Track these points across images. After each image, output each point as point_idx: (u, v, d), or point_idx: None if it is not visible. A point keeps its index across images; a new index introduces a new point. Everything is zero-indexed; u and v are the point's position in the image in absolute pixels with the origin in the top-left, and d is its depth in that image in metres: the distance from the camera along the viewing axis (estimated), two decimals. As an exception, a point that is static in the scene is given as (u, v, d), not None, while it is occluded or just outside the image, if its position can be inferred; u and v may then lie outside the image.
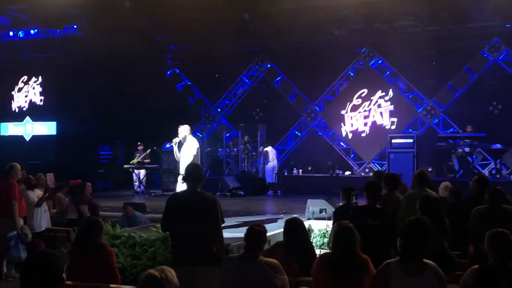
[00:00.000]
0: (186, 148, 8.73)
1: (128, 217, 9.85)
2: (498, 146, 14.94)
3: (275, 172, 16.30)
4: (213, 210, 5.05)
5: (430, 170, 15.26)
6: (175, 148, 8.96)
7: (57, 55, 18.15)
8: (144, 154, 16.67)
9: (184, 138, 8.85)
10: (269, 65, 19.34)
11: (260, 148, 17.33)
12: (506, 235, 3.98)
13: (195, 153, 8.74)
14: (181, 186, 8.56)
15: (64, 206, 10.05)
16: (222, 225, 5.14)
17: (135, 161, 16.74)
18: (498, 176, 14.85)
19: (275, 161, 16.50)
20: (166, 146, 16.73)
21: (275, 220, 9.99)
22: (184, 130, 8.89)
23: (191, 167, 5.40)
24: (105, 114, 17.29)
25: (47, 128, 18.56)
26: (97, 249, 5.18)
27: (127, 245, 7.27)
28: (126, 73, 16.19)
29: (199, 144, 9.17)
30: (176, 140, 8.86)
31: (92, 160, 18.40)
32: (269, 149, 16.67)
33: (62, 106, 17.84)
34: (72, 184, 10.44)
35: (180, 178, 8.67)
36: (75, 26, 17.28)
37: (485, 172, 15.63)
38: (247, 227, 4.60)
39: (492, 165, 15.80)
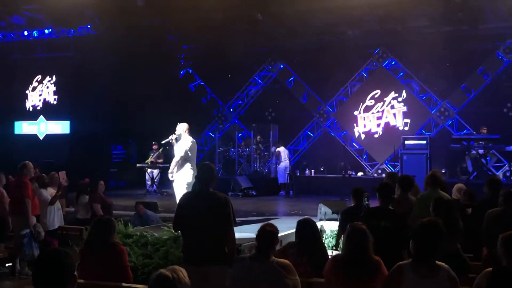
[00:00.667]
0: (180, 146, 8.67)
1: (140, 216, 9.90)
2: (513, 148, 14.81)
3: (287, 172, 16.31)
4: (225, 210, 5.06)
5: (443, 171, 15.19)
6: (174, 144, 8.83)
7: (71, 54, 18.29)
8: (157, 154, 16.73)
9: (180, 136, 8.72)
10: (281, 65, 19.32)
11: (273, 149, 17.33)
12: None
13: (186, 152, 8.60)
14: (177, 184, 8.57)
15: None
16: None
17: (148, 160, 16.81)
18: (512, 178, 14.73)
19: (287, 161, 16.52)
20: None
21: (287, 221, 9.97)
22: (181, 128, 8.76)
23: (203, 167, 5.41)
24: (118, 113, 17.37)
25: (61, 127, 18.72)
26: (109, 248, 5.19)
27: (139, 244, 7.29)
28: (139, 72, 16.26)
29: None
30: (172, 137, 8.74)
31: (105, 159, 18.51)
32: (281, 149, 16.67)
33: (76, 105, 17.96)
34: (85, 183, 10.51)
35: (170, 176, 8.75)
36: (89, 26, 17.41)
37: (499, 174, 15.52)
38: (259, 227, 4.60)
39: (506, 167, 15.67)
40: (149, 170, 16.68)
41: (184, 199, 5.31)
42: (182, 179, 8.56)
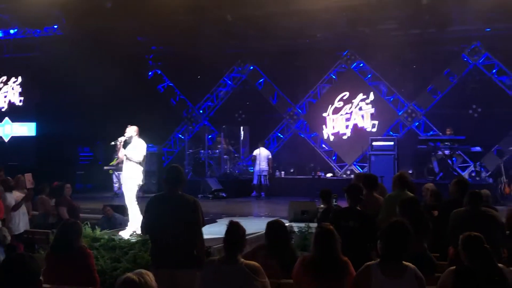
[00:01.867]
0: (131, 149, 8.54)
1: (108, 219, 9.78)
2: (478, 149, 15.11)
3: (260, 174, 16.15)
4: (194, 213, 5.03)
5: (410, 172, 15.39)
6: (117, 148, 8.61)
7: (37, 55, 17.96)
8: (123, 156, 16.53)
9: (130, 139, 8.54)
10: (251, 67, 19.34)
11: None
12: (479, 238, 4.02)
13: (144, 155, 8.50)
14: (126, 188, 8.47)
15: (48, 208, 9.95)
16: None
17: (114, 162, 16.62)
18: (477, 178, 15.00)
19: (263, 163, 16.30)
20: (149, 146, 16.60)
21: (257, 222, 9.95)
22: (131, 130, 8.55)
23: (172, 170, 5.38)
24: (85, 115, 17.09)
25: (27, 129, 18.38)
26: (75, 252, 5.12)
27: (107, 247, 7.20)
28: (107, 73, 16.03)
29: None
30: (121, 139, 8.50)
31: (72, 161, 18.23)
32: (256, 151, 16.50)
33: (42, 107, 17.65)
34: (53, 186, 10.34)
35: (122, 179, 8.69)
36: (55, 26, 17.11)
37: (465, 174, 15.80)
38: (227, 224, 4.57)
39: (471, 167, 15.97)
40: (116, 173, 16.50)
41: (152, 202, 5.27)
42: (134, 181, 8.44)
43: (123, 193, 15.92)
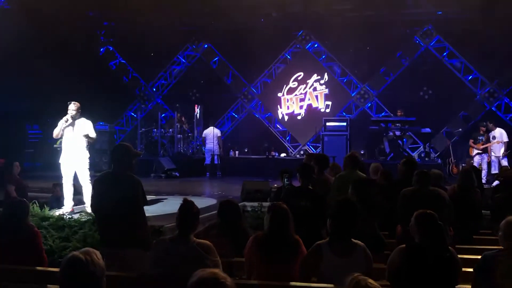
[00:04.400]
0: (79, 129, 8.31)
1: (57, 198, 9.55)
2: (428, 130, 15.46)
3: (212, 153, 16.11)
4: (134, 192, 4.98)
5: (362, 152, 15.67)
6: (63, 126, 8.38)
7: (-17, 29, 17.25)
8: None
9: (75, 116, 8.35)
10: (206, 45, 19.15)
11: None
12: (432, 216, 4.10)
13: (94, 135, 8.40)
14: (83, 167, 8.32)
15: None
16: (152, 207, 5.08)
17: (58, 144, 16.26)
18: (427, 159, 15.39)
19: (212, 143, 16.27)
20: (100, 124, 16.38)
21: (210, 201, 9.95)
22: (76, 108, 8.39)
23: (116, 148, 5.31)
24: (34, 91, 16.57)
25: (-28, 105, 17.70)
26: (23, 231, 5.00)
27: (55, 226, 7.05)
28: (56, 49, 15.59)
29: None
30: (67, 117, 8.32)
31: (20, 139, 17.72)
32: (207, 130, 16.42)
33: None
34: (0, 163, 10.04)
35: (74, 159, 8.32)
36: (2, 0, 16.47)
37: (415, 155, 16.20)
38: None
39: (421, 148, 16.38)
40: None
41: (97, 182, 5.20)
42: (88, 160, 8.36)
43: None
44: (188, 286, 2.47)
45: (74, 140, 8.29)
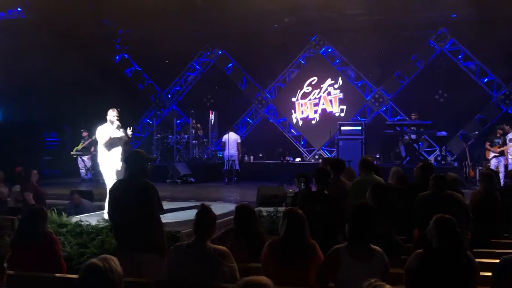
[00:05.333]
0: (117, 132, 8.32)
1: (75, 205, 9.65)
2: (443, 133, 15.36)
3: (228, 159, 16.06)
4: (149, 198, 5.01)
5: (377, 156, 15.61)
6: (112, 132, 8.27)
7: (1, 38, 17.48)
8: (89, 140, 16.37)
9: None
10: (220, 52, 19.21)
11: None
12: (451, 221, 4.08)
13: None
14: (117, 172, 8.21)
15: (3, 194, 9.80)
16: (168, 213, 5.12)
17: (79, 147, 16.42)
18: (443, 162, 15.28)
19: (232, 148, 16.09)
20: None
21: (226, 207, 9.97)
22: (118, 114, 8.37)
23: (131, 155, 5.36)
24: (51, 100, 16.79)
25: (-9, 114, 17.98)
26: (41, 238, 5.05)
27: (73, 233, 7.12)
28: (73, 57, 15.72)
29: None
30: (118, 123, 8.29)
31: (38, 147, 17.92)
32: (225, 136, 16.37)
33: (7, 92, 17.24)
34: (18, 171, 10.16)
35: (109, 165, 8.21)
36: (19, 9, 16.69)
37: (431, 158, 16.09)
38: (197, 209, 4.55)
39: (437, 151, 16.28)
40: (83, 158, 16.32)
41: (114, 188, 5.25)
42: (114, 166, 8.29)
43: (90, 179, 15.88)
44: None
45: (117, 145, 8.24)
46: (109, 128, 8.19)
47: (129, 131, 8.43)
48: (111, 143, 8.09)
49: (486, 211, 6.43)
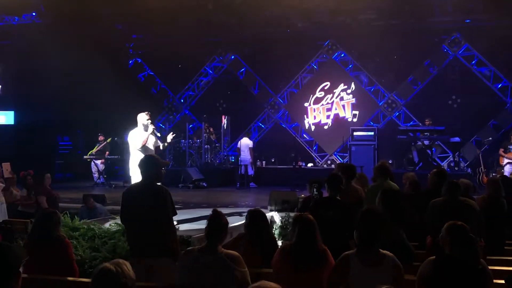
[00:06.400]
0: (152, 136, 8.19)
1: (88, 209, 9.70)
2: (457, 139, 15.27)
3: (241, 164, 16.08)
4: (163, 202, 5.03)
5: (390, 162, 15.50)
6: (148, 135, 8.06)
7: (16, 42, 17.68)
8: (103, 144, 16.48)
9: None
10: (232, 56, 19.26)
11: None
12: (464, 228, 4.05)
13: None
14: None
15: (16, 197, 9.88)
16: (180, 217, 5.12)
17: (93, 151, 16.51)
18: (456, 168, 15.18)
19: (244, 154, 16.14)
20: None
21: (237, 212, 9.97)
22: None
23: (144, 159, 5.38)
24: (65, 103, 16.90)
25: (5, 117, 18.15)
26: (54, 241, 5.09)
27: (86, 237, 7.15)
28: (86, 62, 15.85)
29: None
30: (153, 126, 8.10)
31: (51, 150, 18.06)
32: (241, 140, 16.43)
33: (21, 95, 17.43)
34: (22, 176, 10.23)
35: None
36: (34, 14, 16.85)
37: (444, 164, 15.99)
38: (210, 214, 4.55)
39: (450, 157, 16.18)
40: (96, 162, 16.41)
41: (127, 192, 5.27)
42: None
43: (102, 183, 15.96)
44: None
45: (151, 150, 8.13)
46: (144, 132, 8.03)
47: (170, 136, 8.31)
48: (146, 148, 8.00)
49: (490, 218, 6.34)
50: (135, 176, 7.89)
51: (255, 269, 4.75)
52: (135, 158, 7.76)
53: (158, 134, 8.35)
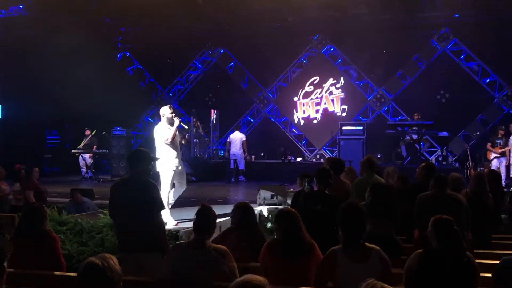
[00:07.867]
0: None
1: (76, 203, 9.64)
2: (445, 133, 15.33)
3: (233, 158, 16.11)
4: (150, 196, 5.00)
5: (379, 156, 15.56)
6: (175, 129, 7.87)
7: (2, 36, 17.49)
8: (89, 137, 16.40)
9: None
10: (222, 50, 19.21)
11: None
12: (449, 221, 4.07)
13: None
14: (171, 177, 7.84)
15: (4, 192, 9.80)
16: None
17: (81, 145, 16.43)
18: (444, 163, 15.26)
19: (236, 147, 16.20)
20: (117, 130, 16.70)
21: (226, 206, 9.93)
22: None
23: (133, 153, 5.36)
24: (52, 97, 16.77)
25: (-8, 111, 17.98)
26: (40, 236, 5.05)
27: (73, 231, 7.11)
28: (74, 55, 15.73)
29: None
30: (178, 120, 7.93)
31: (39, 144, 17.93)
32: (232, 135, 16.45)
33: (8, 89, 17.25)
34: (18, 168, 10.15)
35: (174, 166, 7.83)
36: (21, 6, 16.67)
37: (432, 159, 16.06)
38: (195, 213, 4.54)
39: (438, 152, 16.26)
40: (83, 156, 16.34)
41: (114, 186, 5.24)
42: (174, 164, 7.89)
43: (90, 177, 15.89)
44: None
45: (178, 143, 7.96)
46: (170, 126, 7.85)
47: (177, 121, 7.98)
48: (174, 142, 7.84)
49: (473, 212, 6.34)
50: (165, 171, 7.73)
51: (243, 263, 4.75)
52: (162, 153, 7.67)
53: (186, 127, 8.19)
